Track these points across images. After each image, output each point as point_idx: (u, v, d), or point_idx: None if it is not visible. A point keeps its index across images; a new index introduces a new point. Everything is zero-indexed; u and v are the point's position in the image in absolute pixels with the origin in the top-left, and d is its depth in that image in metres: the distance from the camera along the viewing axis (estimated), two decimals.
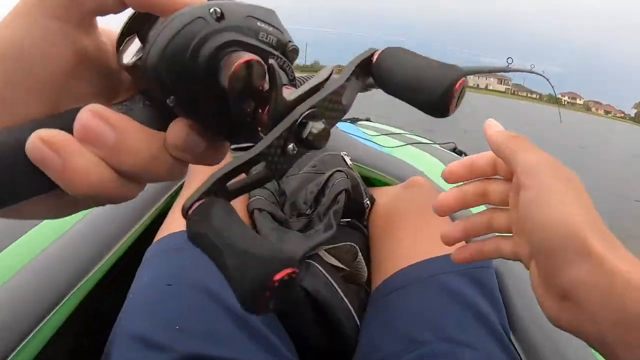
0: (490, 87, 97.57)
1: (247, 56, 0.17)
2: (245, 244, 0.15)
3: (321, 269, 0.49)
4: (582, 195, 0.25)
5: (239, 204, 0.58)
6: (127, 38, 0.20)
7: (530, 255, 0.27)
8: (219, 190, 0.18)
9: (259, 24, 0.19)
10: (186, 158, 0.19)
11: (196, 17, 0.17)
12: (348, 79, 0.22)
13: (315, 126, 0.19)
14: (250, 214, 0.57)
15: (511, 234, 0.30)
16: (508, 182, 0.30)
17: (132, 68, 0.19)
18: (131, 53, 0.19)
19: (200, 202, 0.17)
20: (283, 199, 0.64)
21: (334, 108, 0.21)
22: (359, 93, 0.24)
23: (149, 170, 0.18)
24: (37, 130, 0.16)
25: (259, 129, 0.20)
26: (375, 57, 0.23)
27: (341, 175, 0.59)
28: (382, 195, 0.69)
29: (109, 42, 0.20)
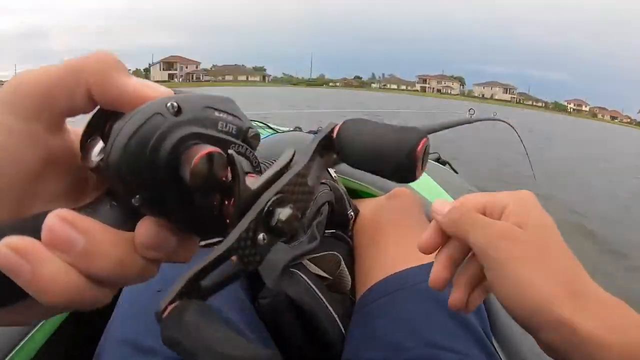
0: (496, 97, 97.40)
1: (207, 148, 0.17)
2: (222, 348, 0.15)
3: (305, 277, 0.50)
4: (545, 253, 0.26)
5: None
6: (91, 137, 0.19)
7: None
8: (192, 291, 0.18)
9: (217, 113, 0.19)
10: (156, 257, 0.19)
11: (153, 114, 0.17)
12: (311, 159, 0.21)
13: (283, 212, 0.19)
14: None
15: None
16: None
17: (97, 168, 0.18)
18: (95, 153, 0.19)
19: (174, 305, 0.17)
20: None
21: (300, 191, 0.20)
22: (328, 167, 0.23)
23: (119, 273, 0.17)
24: (5, 238, 0.15)
25: (227, 221, 0.20)
26: (335, 131, 0.22)
27: (324, 188, 0.61)
28: (367, 206, 0.71)
29: (77, 140, 0.19)
